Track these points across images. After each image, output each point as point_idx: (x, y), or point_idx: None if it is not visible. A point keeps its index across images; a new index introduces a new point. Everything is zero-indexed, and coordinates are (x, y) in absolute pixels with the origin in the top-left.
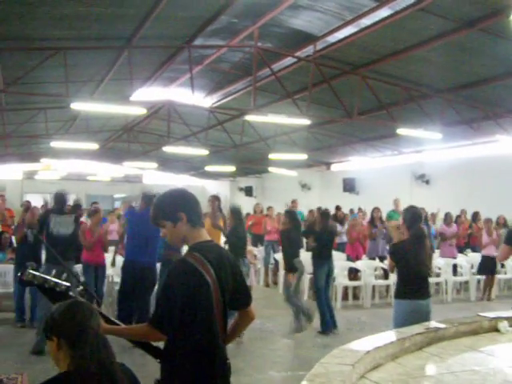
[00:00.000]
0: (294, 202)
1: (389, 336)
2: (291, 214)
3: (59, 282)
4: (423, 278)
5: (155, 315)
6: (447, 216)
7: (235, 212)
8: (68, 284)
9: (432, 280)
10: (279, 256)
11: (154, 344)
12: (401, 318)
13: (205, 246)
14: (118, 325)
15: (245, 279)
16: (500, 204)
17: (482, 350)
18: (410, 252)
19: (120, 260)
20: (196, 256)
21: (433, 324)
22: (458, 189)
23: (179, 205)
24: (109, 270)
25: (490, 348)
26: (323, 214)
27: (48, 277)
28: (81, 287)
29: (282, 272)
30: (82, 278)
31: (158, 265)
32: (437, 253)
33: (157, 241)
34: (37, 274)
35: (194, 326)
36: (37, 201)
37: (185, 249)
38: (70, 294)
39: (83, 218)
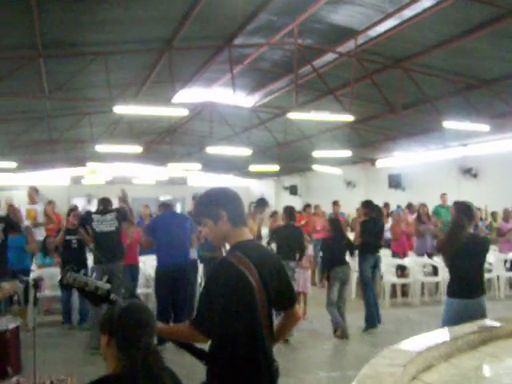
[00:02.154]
0: (335, 203)
1: (441, 335)
2: (333, 223)
3: (100, 284)
4: (470, 275)
5: (196, 316)
6: (505, 212)
7: (287, 212)
8: (109, 287)
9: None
10: None
11: (199, 346)
12: (448, 317)
13: (247, 245)
14: None
15: (289, 279)
16: None
17: None
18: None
19: None
20: (238, 255)
21: (487, 322)
22: (507, 182)
23: (220, 203)
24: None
25: None
26: (365, 202)
27: (89, 280)
28: (123, 290)
29: None
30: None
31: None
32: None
33: (184, 238)
34: (77, 276)
35: (238, 327)
36: (84, 205)
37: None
38: (111, 297)
39: None
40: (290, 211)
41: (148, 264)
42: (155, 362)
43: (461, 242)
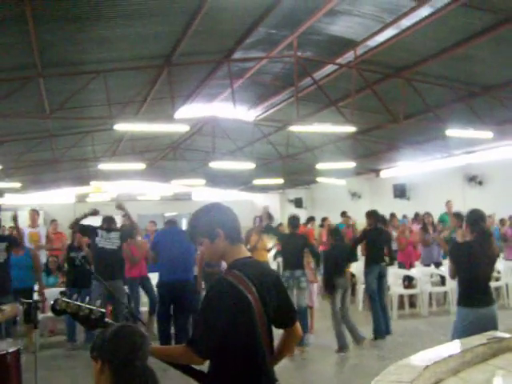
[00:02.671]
0: (344, 214)
1: (448, 348)
2: (333, 232)
3: (94, 308)
4: (485, 283)
5: (193, 337)
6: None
7: (290, 221)
8: (103, 310)
9: (491, 284)
10: None
11: (197, 368)
12: (461, 327)
13: (244, 262)
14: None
15: (289, 295)
16: None
17: None
18: (474, 254)
19: None
20: (235, 274)
21: (497, 334)
22: None
23: (216, 221)
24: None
25: None
26: (370, 213)
27: (82, 304)
28: (125, 309)
29: None
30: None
31: None
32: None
33: (187, 255)
34: (70, 301)
35: (237, 348)
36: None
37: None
38: (106, 320)
39: None
40: (293, 220)
41: (154, 282)
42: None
43: (495, 249)
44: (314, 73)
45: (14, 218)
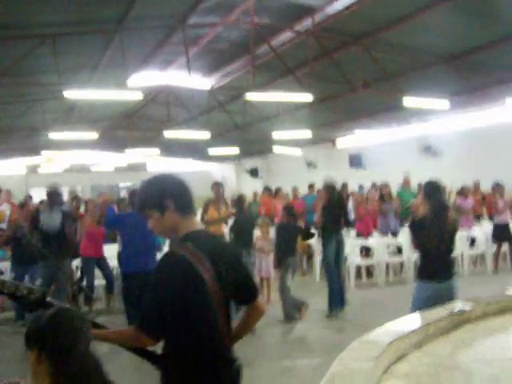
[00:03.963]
0: (310, 187)
1: (411, 322)
2: (288, 209)
3: (33, 288)
4: (446, 257)
5: (142, 317)
6: (463, 189)
7: (237, 201)
8: (44, 290)
9: None
10: None
11: (150, 349)
12: (419, 301)
13: (198, 235)
14: (103, 328)
15: (249, 270)
16: None
17: None
18: (429, 229)
19: None
20: (188, 247)
21: (457, 305)
22: (467, 159)
23: (166, 192)
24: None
25: None
26: (327, 187)
27: (20, 284)
28: (74, 287)
29: None
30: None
31: None
32: None
33: (155, 242)
34: (6, 281)
35: (191, 327)
36: (41, 195)
37: None
38: (48, 300)
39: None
40: (239, 200)
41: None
42: (97, 375)
43: (452, 221)
44: (271, 40)
45: None
